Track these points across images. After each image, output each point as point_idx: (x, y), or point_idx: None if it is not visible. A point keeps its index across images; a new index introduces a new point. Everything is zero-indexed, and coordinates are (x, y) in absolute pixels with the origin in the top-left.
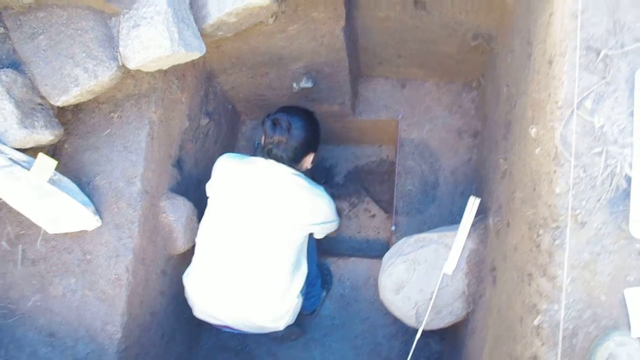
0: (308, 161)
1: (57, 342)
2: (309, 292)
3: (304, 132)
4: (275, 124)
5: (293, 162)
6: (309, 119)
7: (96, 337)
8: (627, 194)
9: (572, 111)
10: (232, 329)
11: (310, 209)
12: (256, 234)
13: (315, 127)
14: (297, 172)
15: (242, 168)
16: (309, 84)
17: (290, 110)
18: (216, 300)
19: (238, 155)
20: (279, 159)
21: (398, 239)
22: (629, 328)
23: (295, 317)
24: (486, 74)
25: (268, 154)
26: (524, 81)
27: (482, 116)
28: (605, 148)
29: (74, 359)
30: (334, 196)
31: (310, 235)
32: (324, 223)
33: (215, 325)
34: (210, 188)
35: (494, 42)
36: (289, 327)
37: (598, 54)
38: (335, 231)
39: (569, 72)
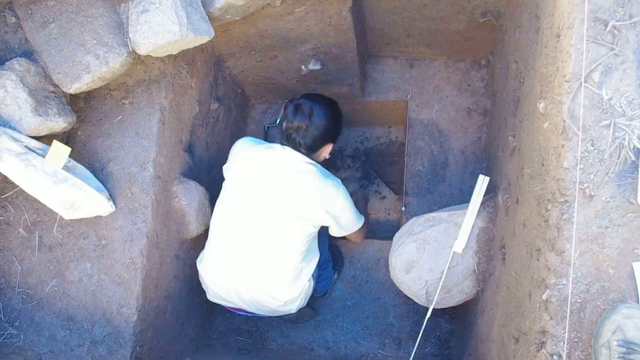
0: (326, 151)
1: (75, 326)
2: (320, 274)
3: (324, 121)
4: (297, 108)
5: (310, 150)
6: (332, 108)
7: (112, 320)
8: (635, 166)
9: (580, 84)
10: (245, 311)
11: (320, 200)
12: (268, 221)
13: (337, 117)
14: (312, 162)
15: (258, 153)
16: (317, 66)
17: (314, 97)
18: (229, 285)
19: (256, 139)
20: (296, 146)
21: (408, 219)
22: (637, 301)
23: (307, 300)
24: (495, 51)
25: (287, 139)
26: (532, 56)
27: (491, 94)
28: (614, 120)
29: (91, 341)
30: (345, 179)
31: (327, 229)
32: (341, 217)
33: (229, 308)
34: (227, 171)
35: (502, 18)
36: (301, 309)
37: (606, 25)
38: (361, 235)
39: (576, 44)
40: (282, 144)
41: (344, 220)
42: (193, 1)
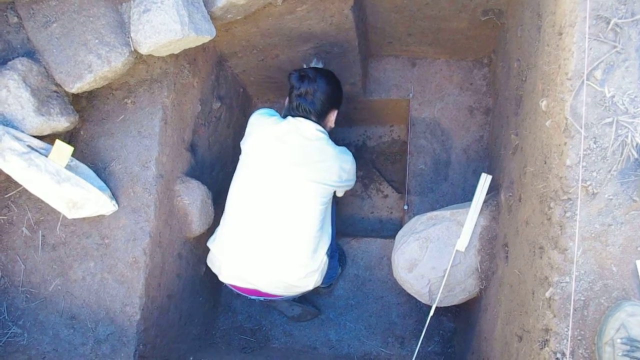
0: (331, 119)
1: (78, 325)
2: (329, 262)
3: (328, 85)
4: (302, 75)
5: (319, 116)
6: (331, 74)
7: (116, 319)
8: (638, 164)
9: (582, 82)
10: (258, 294)
11: (338, 166)
12: (287, 188)
13: (338, 83)
14: (323, 130)
15: (271, 126)
16: (319, 65)
17: (311, 68)
18: (246, 260)
19: (270, 111)
20: (307, 114)
21: (411, 218)
22: None
23: (322, 277)
24: (497, 49)
25: (296, 109)
26: (534, 54)
27: (493, 93)
28: (616, 118)
29: (95, 340)
30: None
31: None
32: (347, 181)
33: (241, 290)
34: (243, 144)
35: (504, 17)
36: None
37: (608, 23)
38: (351, 190)
39: (578, 42)
40: (292, 115)
41: (351, 183)
42: (195, 0)
